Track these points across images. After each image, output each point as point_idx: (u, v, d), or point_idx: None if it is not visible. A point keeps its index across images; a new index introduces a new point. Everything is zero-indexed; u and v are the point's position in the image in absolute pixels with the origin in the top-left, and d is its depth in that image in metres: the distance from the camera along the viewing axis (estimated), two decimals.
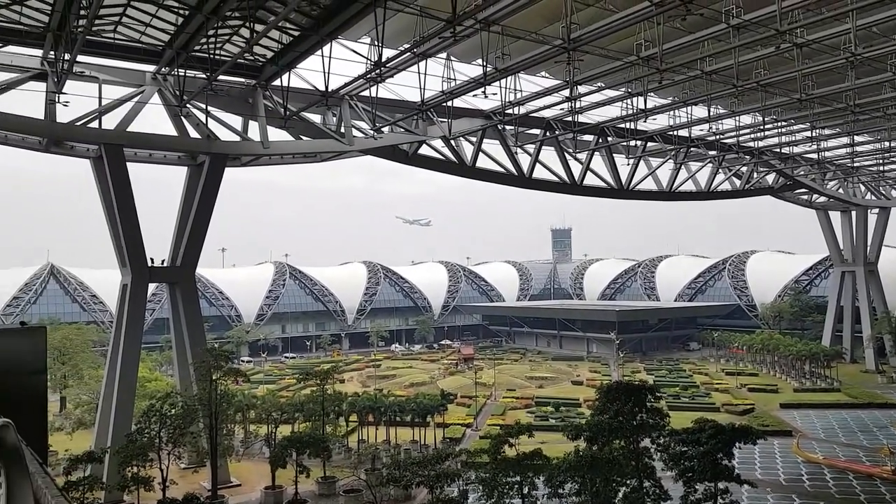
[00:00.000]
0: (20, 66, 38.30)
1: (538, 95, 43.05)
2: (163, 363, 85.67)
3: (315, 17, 33.94)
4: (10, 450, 3.43)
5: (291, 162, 51.08)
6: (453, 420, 64.47)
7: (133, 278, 44.84)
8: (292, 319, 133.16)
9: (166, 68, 40.73)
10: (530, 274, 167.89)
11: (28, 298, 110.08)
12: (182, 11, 33.86)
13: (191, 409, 41.97)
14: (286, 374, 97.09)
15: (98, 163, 43.56)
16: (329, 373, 53.96)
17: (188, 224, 46.29)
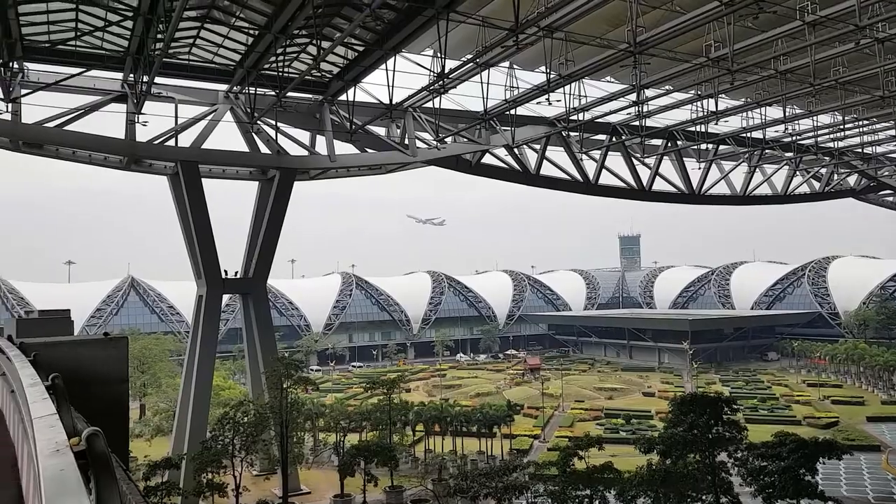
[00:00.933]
0: (102, 89, 40.40)
1: (603, 100, 42.41)
2: (236, 372, 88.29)
3: (379, 32, 34.53)
4: (99, 456, 3.56)
5: (357, 174, 51.88)
6: (520, 431, 63.80)
7: (208, 289, 46.41)
8: (359, 329, 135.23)
9: (238, 87, 42.20)
10: (597, 282, 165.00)
11: (110, 310, 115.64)
12: (252, 31, 35.04)
13: (262, 417, 42.98)
14: (353, 382, 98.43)
15: (175, 179, 45.41)
16: (395, 382, 54.42)
17: (259, 236, 47.64)
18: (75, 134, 39.61)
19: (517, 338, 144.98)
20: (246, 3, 32.63)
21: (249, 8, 32.95)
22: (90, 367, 14.08)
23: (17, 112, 37.09)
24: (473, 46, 34.22)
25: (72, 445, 3.63)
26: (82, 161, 42.99)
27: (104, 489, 3.28)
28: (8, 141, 39.10)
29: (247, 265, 49.03)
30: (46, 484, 3.04)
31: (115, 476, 3.44)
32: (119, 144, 40.87)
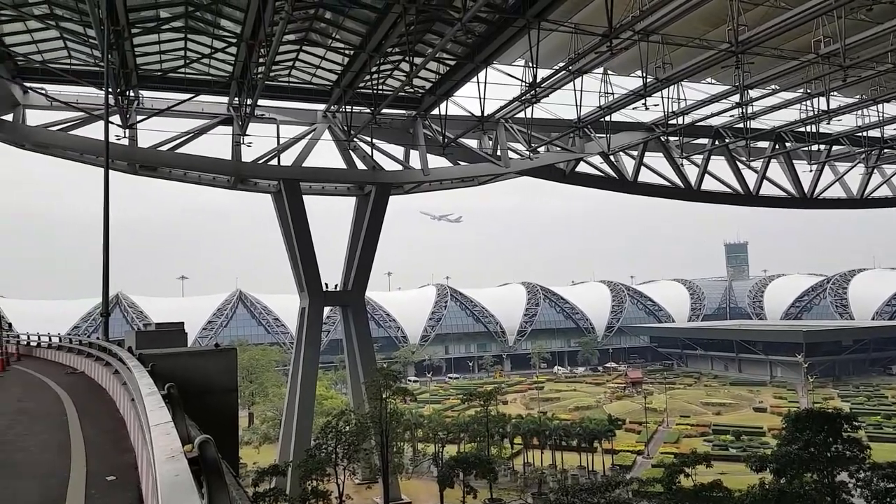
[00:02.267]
0: (210, 113, 42.89)
1: (704, 103, 40.78)
2: (337, 382, 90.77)
3: (470, 45, 34.80)
4: (210, 462, 3.69)
5: (450, 187, 52.33)
6: (622, 446, 61.88)
7: (310, 302, 48.06)
8: (455, 340, 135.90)
9: (335, 106, 43.67)
10: (702, 292, 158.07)
11: (220, 322, 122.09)
12: (347, 52, 36.21)
13: (363, 427, 43.86)
14: (451, 394, 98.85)
15: (278, 197, 47.43)
16: (492, 394, 54.18)
17: (357, 250, 48.91)
18: (186, 156, 42.24)
19: (617, 350, 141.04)
20: (341, 25, 33.81)
21: (345, 29, 34.11)
22: (202, 377, 14.66)
23: (133, 137, 39.95)
24: (565, 54, 33.84)
25: (186, 452, 3.77)
26: (192, 181, 45.71)
27: (215, 493, 3.38)
28: (126, 164, 42.11)
29: (346, 278, 50.40)
30: (163, 487, 3.15)
31: (226, 481, 3.54)
32: (226, 165, 43.20)
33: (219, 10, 31.77)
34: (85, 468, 7.97)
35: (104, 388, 16.54)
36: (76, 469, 7.96)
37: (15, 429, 11.41)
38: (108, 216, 21.26)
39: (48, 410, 13.61)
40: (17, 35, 32.17)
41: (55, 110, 38.85)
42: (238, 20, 31.88)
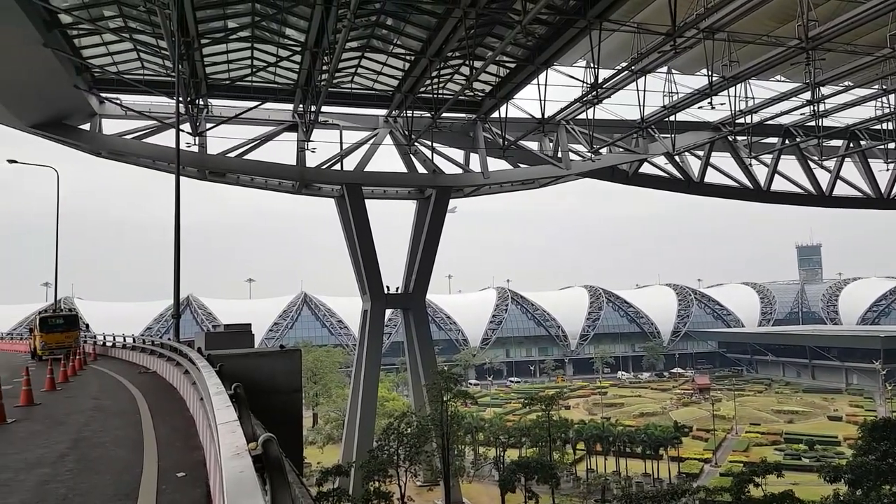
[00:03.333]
0: (275, 120, 44.01)
1: (773, 101, 39.36)
2: (399, 384, 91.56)
3: (530, 47, 34.62)
4: (273, 460, 3.76)
5: (510, 190, 52.08)
6: (689, 454, 60.14)
7: (372, 304, 48.68)
8: (515, 344, 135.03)
9: (396, 111, 44.15)
10: (773, 296, 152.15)
11: (286, 324, 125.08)
12: (408, 57, 36.55)
13: (425, 429, 44.08)
14: (511, 398, 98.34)
15: (341, 201, 48.26)
16: (554, 399, 53.60)
17: (418, 253, 49.24)
18: (253, 162, 43.45)
19: (683, 355, 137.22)
20: (402, 31, 34.17)
21: (405, 35, 34.46)
22: (268, 378, 15.01)
23: (203, 144, 41.36)
24: (628, 54, 33.27)
25: (250, 449, 3.85)
26: (259, 187, 47.01)
27: (277, 490, 3.44)
28: (196, 171, 43.66)
29: (407, 281, 50.81)
30: (228, 484, 3.22)
31: (287, 478, 3.59)
32: (291, 171, 44.22)
33: (284, 20, 32.62)
34: (157, 464, 8.26)
35: (175, 387, 17.16)
36: (148, 465, 8.26)
37: (92, 425, 11.95)
38: (179, 221, 22.09)
39: (122, 408, 14.20)
40: (93, 48, 33.79)
41: (129, 119, 40.61)
42: (302, 29, 32.68)
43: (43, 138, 38.54)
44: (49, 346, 30.97)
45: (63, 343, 30.82)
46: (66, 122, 38.13)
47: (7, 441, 10.64)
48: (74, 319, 33.78)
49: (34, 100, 34.22)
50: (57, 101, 35.44)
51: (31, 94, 33.36)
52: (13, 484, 7.57)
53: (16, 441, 10.59)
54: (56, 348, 30.23)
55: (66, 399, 16.03)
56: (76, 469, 8.28)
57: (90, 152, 41.11)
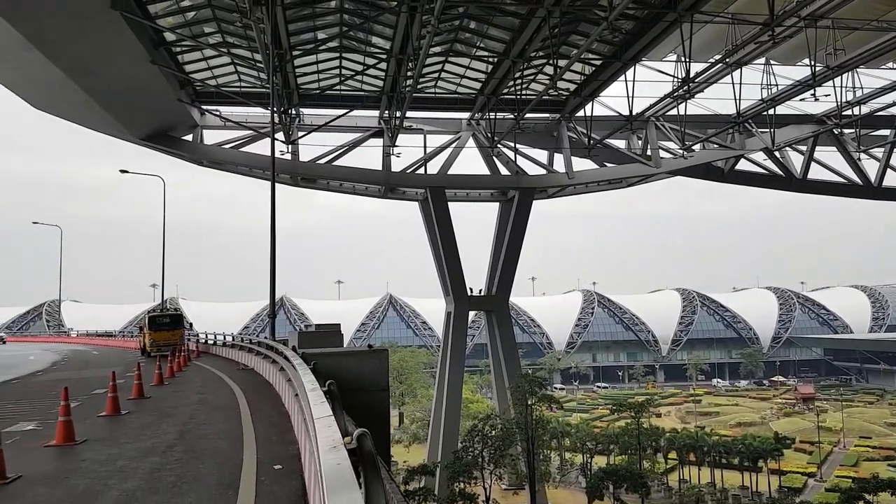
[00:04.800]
0: (362, 127, 45.11)
1: (884, 91, 36.78)
2: (483, 386, 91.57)
3: (617, 43, 33.88)
4: (366, 453, 3.86)
5: (596, 189, 51.09)
6: (791, 467, 57.00)
7: (456, 306, 48.97)
8: (602, 348, 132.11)
9: (479, 114, 44.28)
10: (885, 300, 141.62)
11: (373, 324, 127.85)
12: (491, 59, 36.59)
13: (509, 432, 43.90)
14: (598, 403, 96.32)
15: (425, 204, 48.89)
16: (644, 405, 52.14)
17: (501, 255, 49.13)
18: (342, 168, 44.73)
19: (785, 363, 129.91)
20: (485, 34, 34.25)
21: (488, 37, 34.52)
22: (356, 376, 15.39)
23: (295, 152, 42.98)
24: (721, 46, 32.03)
25: (345, 443, 3.96)
26: (347, 192, 48.33)
27: (371, 482, 3.52)
28: (288, 177, 45.39)
29: (490, 283, 50.79)
30: (326, 475, 3.32)
31: (380, 471, 3.67)
32: (377, 175, 45.22)
33: (370, 29, 33.42)
34: (255, 456, 8.63)
35: (271, 383, 17.89)
36: (248, 456, 8.64)
37: (196, 418, 12.63)
38: (274, 226, 23.04)
39: (223, 403, 14.92)
40: (195, 63, 35.79)
41: (227, 129, 42.73)
42: (388, 37, 33.37)
43: (151, 149, 41.16)
44: (157, 344, 33.06)
45: (169, 341, 32.80)
46: (171, 134, 40.58)
47: (121, 431, 11.42)
48: (179, 319, 35.92)
49: (143, 113, 36.61)
50: (163, 114, 37.75)
51: (140, 108, 35.70)
52: (128, 470, 8.12)
53: (129, 431, 11.35)
54: (163, 345, 32.21)
55: (172, 393, 17.02)
56: (183, 458, 8.78)
57: (193, 161, 43.52)
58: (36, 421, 12.82)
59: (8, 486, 7.52)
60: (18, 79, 30.11)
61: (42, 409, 15.08)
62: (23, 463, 8.57)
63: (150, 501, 6.67)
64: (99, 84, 30.48)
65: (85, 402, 14.96)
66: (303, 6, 30.19)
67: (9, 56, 26.30)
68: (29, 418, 13.15)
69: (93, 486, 7.38)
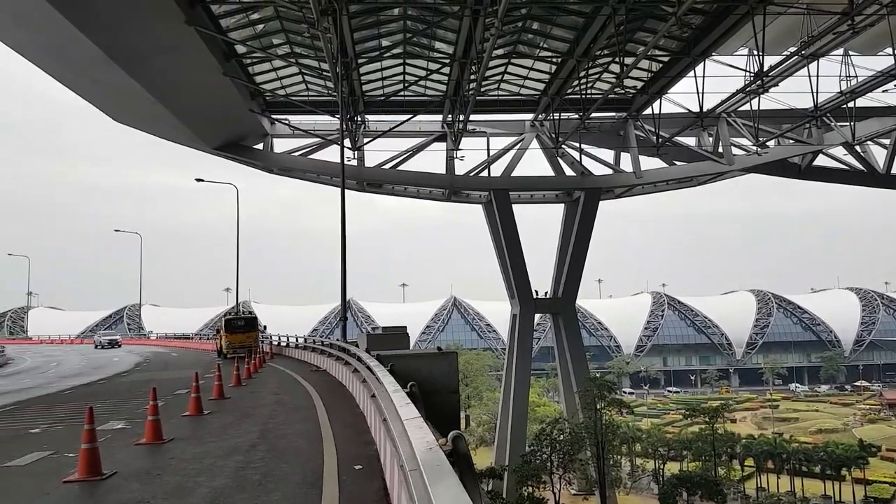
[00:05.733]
0: (426, 131, 45.43)
1: None
2: (549, 389, 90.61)
3: (685, 39, 33.03)
4: (462, 455, 3.86)
5: (665, 189, 49.81)
6: (877, 476, 54.05)
7: (521, 309, 48.65)
8: (673, 351, 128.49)
9: (542, 114, 43.92)
10: None
11: (437, 327, 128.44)
12: (554, 60, 36.26)
13: (578, 437, 43.27)
14: (670, 408, 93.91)
15: (488, 207, 48.79)
16: (719, 410, 50.46)
17: (567, 257, 48.53)
18: (406, 173, 45.21)
19: (869, 367, 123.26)
20: (548, 34, 33.96)
21: (552, 37, 34.21)
22: (427, 378, 15.46)
23: (360, 158, 43.69)
24: (796, 38, 30.74)
25: (440, 445, 3.97)
26: (411, 196, 48.75)
27: (469, 486, 3.50)
28: (355, 183, 46.08)
29: (556, 285, 50.24)
30: (428, 477, 3.29)
31: (475, 474, 3.66)
32: (441, 179, 45.47)
33: (433, 34, 33.64)
34: (335, 456, 8.80)
35: (343, 384, 18.22)
36: (328, 456, 8.82)
37: (275, 418, 12.98)
38: (344, 231, 23.47)
39: (299, 403, 15.29)
40: (265, 74, 36.90)
41: (296, 138, 43.83)
42: (451, 41, 33.51)
43: (225, 159, 42.63)
44: (233, 346, 34.19)
45: (244, 343, 33.88)
46: (243, 144, 41.93)
47: (205, 430, 11.85)
48: (254, 321, 37.04)
49: (216, 124, 37.99)
50: (235, 124, 39.06)
51: (213, 119, 37.06)
52: (215, 469, 8.41)
53: (212, 430, 11.76)
54: (239, 347, 33.28)
55: (250, 394, 17.56)
56: (266, 457, 9.03)
57: (264, 170, 44.83)
58: (125, 420, 13.47)
59: (104, 482, 7.91)
60: (99, 93, 31.72)
61: (129, 408, 15.84)
62: (116, 460, 9.00)
63: (238, 499, 6.88)
64: (175, 96, 31.82)
65: (169, 402, 15.59)
66: (367, 15, 30.68)
67: (90, 71, 27.73)
68: (118, 417, 13.81)
69: (183, 483, 7.68)
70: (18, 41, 25.11)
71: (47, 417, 15.28)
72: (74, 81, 30.04)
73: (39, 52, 26.44)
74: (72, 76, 29.32)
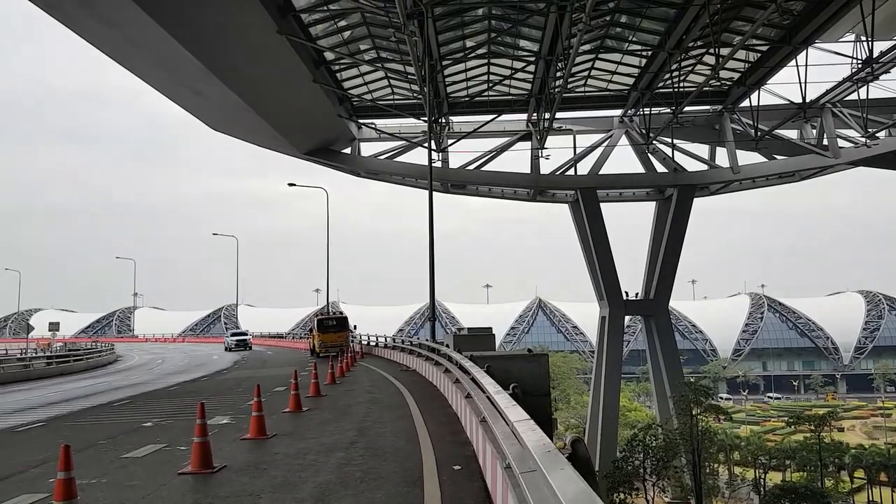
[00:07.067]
0: (510, 131, 45.16)
1: None
2: (640, 394, 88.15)
3: (785, 26, 31.32)
4: (582, 459, 3.72)
5: (764, 185, 47.33)
6: None
7: (610, 310, 47.51)
8: (774, 356, 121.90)
9: (632, 110, 42.76)
10: None
11: (522, 328, 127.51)
12: (644, 53, 35.22)
13: (673, 443, 41.81)
14: (770, 415, 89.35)
15: (575, 206, 47.94)
16: (825, 418, 47.50)
17: (659, 257, 47.03)
18: (491, 173, 45.16)
19: None
20: (638, 27, 33.02)
21: (641, 30, 33.26)
22: (519, 380, 15.26)
23: (445, 159, 43.96)
24: None
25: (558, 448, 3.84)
26: (496, 196, 48.56)
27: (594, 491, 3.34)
28: (439, 184, 46.31)
29: (647, 287, 48.78)
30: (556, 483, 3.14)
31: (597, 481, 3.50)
32: (526, 179, 45.12)
33: (518, 32, 33.43)
34: (433, 455, 8.78)
35: (434, 384, 18.29)
36: (426, 456, 8.82)
37: (371, 416, 13.16)
38: (432, 232, 23.64)
39: (392, 402, 15.47)
40: (352, 79, 37.76)
41: (382, 141, 44.61)
42: (536, 39, 33.20)
43: (314, 163, 43.93)
44: (325, 345, 35.28)
45: (336, 342, 34.84)
46: (331, 148, 43.08)
47: (305, 426, 12.17)
48: (345, 321, 38.03)
49: (306, 129, 39.21)
50: (324, 130, 40.18)
51: (303, 125, 38.28)
52: (318, 465, 8.59)
53: (311, 427, 12.06)
54: (331, 346, 34.28)
55: (344, 392, 17.94)
56: (366, 455, 9.14)
57: (351, 173, 45.87)
58: (229, 415, 14.03)
59: (215, 475, 8.22)
60: (197, 103, 33.42)
61: (231, 404, 16.51)
62: (224, 454, 9.34)
63: (343, 495, 6.96)
64: (268, 104, 33.08)
65: (268, 399, 16.08)
66: (452, 16, 30.82)
67: (192, 84, 29.25)
68: (222, 413, 14.40)
69: (289, 478, 7.87)
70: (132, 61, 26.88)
71: (158, 412, 16.15)
72: (178, 93, 31.80)
73: (148, 68, 28.15)
74: (176, 89, 31.05)
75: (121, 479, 8.24)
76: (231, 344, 52.84)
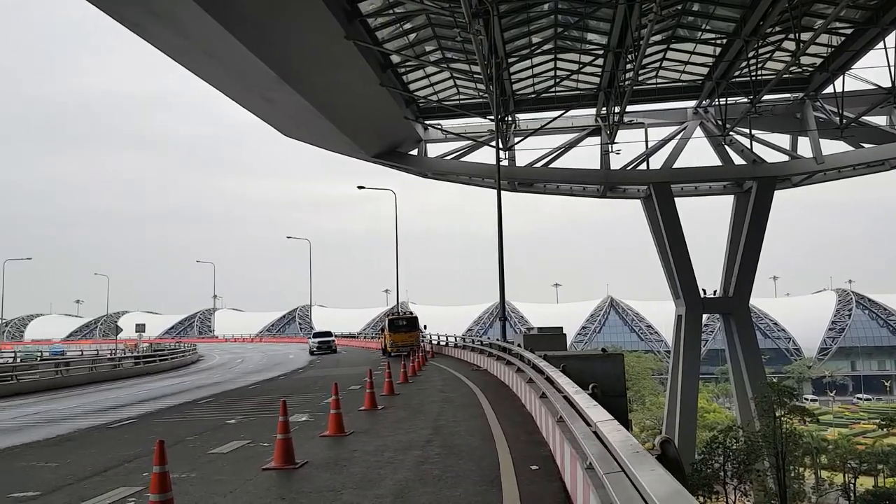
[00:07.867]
0: (578, 126, 44.47)
1: None
2: (719, 395, 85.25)
3: (871, 7, 29.69)
4: (673, 461, 3.62)
5: (851, 175, 44.77)
6: None
7: (687, 309, 46.07)
8: (864, 355, 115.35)
9: (706, 101, 41.40)
10: None
11: (594, 328, 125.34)
12: (719, 41, 34.01)
13: (755, 446, 40.16)
14: (860, 417, 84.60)
15: (647, 202, 46.70)
16: None
17: (738, 253, 45.29)
18: (559, 170, 44.62)
19: None
20: (711, 14, 31.93)
21: (715, 18, 32.16)
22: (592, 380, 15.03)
23: (512, 158, 43.68)
24: None
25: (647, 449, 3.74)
26: (564, 193, 47.88)
27: None
28: (506, 183, 46.03)
29: (726, 284, 47.08)
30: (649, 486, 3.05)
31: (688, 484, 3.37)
32: (595, 175, 44.31)
33: (585, 26, 32.88)
34: (509, 455, 8.72)
35: (505, 383, 18.21)
36: (502, 455, 8.76)
37: (444, 415, 13.21)
38: (501, 232, 23.55)
39: (465, 401, 15.47)
40: (418, 81, 38.06)
41: (448, 142, 44.74)
42: (604, 31, 32.58)
43: (382, 166, 44.54)
44: (396, 344, 35.78)
45: (407, 341, 35.28)
46: (398, 150, 43.55)
47: (381, 424, 12.34)
48: (415, 321, 38.40)
49: (374, 132, 39.79)
50: (391, 132, 40.67)
51: (372, 128, 38.86)
52: (396, 462, 8.68)
53: (387, 425, 12.21)
54: (402, 346, 34.73)
55: (417, 391, 18.09)
56: (442, 453, 9.17)
57: (419, 174, 46.24)
58: (308, 413, 14.38)
59: (298, 471, 8.43)
60: (268, 110, 34.44)
61: (309, 402, 16.91)
62: (305, 450, 9.56)
63: (423, 492, 7.00)
64: (336, 108, 33.75)
65: (343, 397, 16.37)
66: (517, 13, 30.61)
67: (264, 91, 30.17)
68: (301, 410, 14.76)
69: (368, 475, 7.98)
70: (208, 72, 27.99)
71: (240, 409, 16.72)
72: (250, 101, 32.87)
73: (222, 77, 29.22)
74: (248, 97, 32.11)
75: (209, 474, 8.56)
76: (313, 347, 48.04)
